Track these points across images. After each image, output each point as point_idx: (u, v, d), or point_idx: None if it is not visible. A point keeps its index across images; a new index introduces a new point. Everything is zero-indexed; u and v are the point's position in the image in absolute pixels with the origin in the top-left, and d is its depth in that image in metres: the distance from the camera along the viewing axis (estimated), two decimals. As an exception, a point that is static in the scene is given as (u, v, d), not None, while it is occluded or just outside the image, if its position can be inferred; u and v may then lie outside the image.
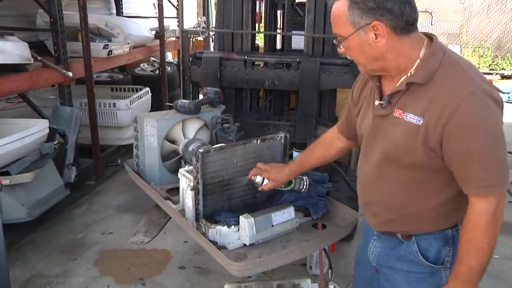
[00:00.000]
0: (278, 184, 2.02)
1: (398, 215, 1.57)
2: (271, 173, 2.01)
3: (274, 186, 2.02)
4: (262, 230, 1.94)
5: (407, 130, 1.43)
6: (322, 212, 2.16)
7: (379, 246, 1.69)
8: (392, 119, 1.48)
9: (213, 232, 1.97)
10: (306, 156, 1.99)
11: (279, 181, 2.01)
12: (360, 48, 1.43)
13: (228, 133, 2.65)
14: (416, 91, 1.42)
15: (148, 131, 2.55)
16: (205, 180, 2.02)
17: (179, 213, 2.17)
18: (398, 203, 1.55)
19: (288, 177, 2.02)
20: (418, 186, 1.49)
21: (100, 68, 4.72)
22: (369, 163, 1.59)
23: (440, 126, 1.36)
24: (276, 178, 2.00)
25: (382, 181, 1.56)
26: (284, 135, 2.22)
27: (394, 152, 1.48)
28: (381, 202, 1.60)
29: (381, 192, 1.58)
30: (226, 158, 2.06)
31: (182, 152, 2.61)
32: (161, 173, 2.59)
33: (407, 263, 1.60)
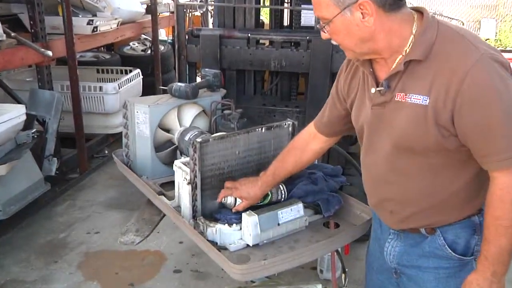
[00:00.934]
0: (253, 201, 2.02)
1: (418, 208, 1.60)
2: (242, 191, 2.00)
3: (249, 204, 2.01)
4: (267, 229, 1.97)
5: (414, 113, 1.45)
6: (335, 209, 2.18)
7: (399, 245, 1.72)
8: (394, 104, 1.50)
9: (212, 231, 1.99)
10: (278, 164, 1.98)
11: (254, 197, 2.01)
12: (346, 30, 1.44)
13: (229, 121, 2.66)
14: (416, 69, 1.44)
15: (139, 118, 2.57)
16: (204, 173, 2.04)
17: (174, 210, 2.20)
18: (417, 195, 1.57)
19: (263, 191, 2.01)
20: (435, 172, 1.52)
21: (84, 46, 4.74)
22: (377, 157, 1.61)
23: (449, 101, 1.38)
24: (249, 195, 2.00)
25: (395, 175, 1.58)
26: (292, 123, 2.24)
27: (404, 140, 1.50)
28: (397, 197, 1.62)
29: (396, 186, 1.60)
30: (227, 148, 2.08)
31: (178, 141, 2.63)
32: (154, 165, 2.62)
33: (434, 259, 1.63)
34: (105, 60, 5.88)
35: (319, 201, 2.16)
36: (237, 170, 2.14)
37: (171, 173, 2.44)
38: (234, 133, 2.11)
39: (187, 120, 2.72)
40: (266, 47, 3.39)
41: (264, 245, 1.98)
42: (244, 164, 2.15)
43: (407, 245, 1.70)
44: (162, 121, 2.63)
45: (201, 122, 2.78)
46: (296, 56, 3.30)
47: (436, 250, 1.62)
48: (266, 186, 2.01)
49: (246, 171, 2.16)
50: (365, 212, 2.17)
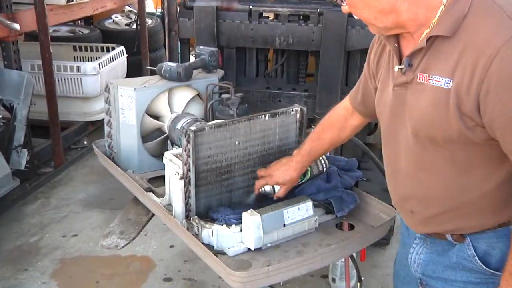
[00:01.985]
0: (292, 184, 2.13)
1: (441, 209, 1.59)
2: (277, 177, 2.10)
3: (289, 188, 2.12)
4: (271, 230, 1.99)
5: (435, 97, 1.44)
6: (349, 208, 2.21)
7: (424, 252, 1.72)
8: (416, 86, 1.50)
9: (209, 233, 2.02)
10: (314, 143, 2.05)
11: (290, 181, 2.11)
12: (364, 2, 1.45)
13: (228, 106, 2.68)
14: (441, 46, 1.43)
15: (124, 104, 2.59)
16: (198, 167, 2.07)
17: (165, 209, 2.23)
18: (440, 194, 1.57)
19: (299, 173, 2.11)
20: (461, 169, 1.50)
21: (58, 19, 4.72)
22: (398, 147, 1.61)
23: (474, 85, 1.35)
24: (286, 180, 2.10)
25: (417, 169, 1.58)
26: (300, 109, 2.27)
27: (425, 127, 1.49)
28: (418, 195, 1.62)
29: (417, 182, 1.60)
30: (225, 138, 2.11)
31: (169, 130, 2.66)
32: (141, 157, 2.65)
33: (462, 272, 1.62)
34: (83, 36, 5.88)
35: (331, 199, 2.19)
36: (237, 163, 2.17)
37: (160, 167, 2.47)
38: (233, 121, 2.13)
39: (179, 105, 2.74)
40: (270, 21, 3.40)
41: (268, 249, 2.01)
42: (245, 156, 2.18)
43: (433, 253, 1.69)
44: (150, 106, 2.65)
45: (196, 108, 2.80)
46: (305, 31, 3.30)
47: (464, 261, 1.61)
48: (301, 167, 2.09)
49: (247, 164, 2.19)
50: (385, 212, 2.20)
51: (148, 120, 2.66)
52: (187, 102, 2.75)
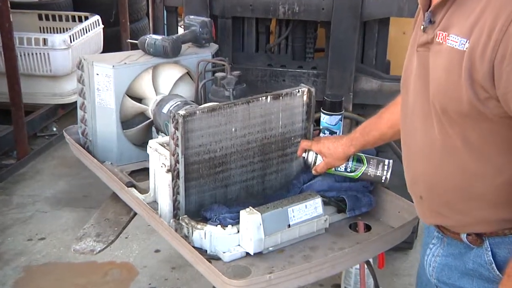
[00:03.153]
0: (333, 162, 2.19)
1: (450, 198, 1.60)
2: (322, 145, 2.18)
3: (328, 165, 2.19)
4: (274, 232, 2.02)
5: (450, 60, 1.45)
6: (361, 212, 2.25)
7: (440, 254, 1.74)
8: (435, 47, 1.51)
9: (201, 235, 2.04)
10: (372, 121, 2.10)
11: (334, 155, 2.17)
12: None
13: (223, 87, 2.69)
14: (465, 2, 1.44)
15: (100, 83, 2.60)
16: (189, 157, 2.09)
17: (149, 207, 2.26)
18: (450, 178, 1.57)
19: (346, 150, 2.16)
20: (474, 152, 1.50)
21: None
22: (415, 121, 1.63)
23: (489, 49, 1.36)
24: (330, 151, 2.17)
25: (429, 146, 1.59)
26: (308, 90, 2.29)
27: (438, 97, 1.50)
28: (427, 178, 1.64)
29: (428, 162, 1.61)
30: (220, 124, 2.13)
31: (153, 114, 2.68)
32: (120, 146, 2.67)
33: (479, 281, 1.63)
34: (50, 2, 5.86)
35: (344, 195, 2.22)
36: (234, 154, 2.19)
37: (144, 158, 2.50)
38: (229, 104, 2.15)
39: (165, 86, 2.76)
40: (272, -14, 3.40)
41: (270, 253, 2.03)
42: (243, 145, 2.20)
43: (449, 256, 1.71)
44: (132, 87, 2.67)
45: (185, 88, 2.82)
46: (313, -2, 3.31)
47: (481, 268, 1.61)
48: (350, 145, 2.15)
49: (246, 154, 2.21)
50: (407, 210, 2.22)
51: (129, 103, 2.68)
52: (175, 81, 2.77)
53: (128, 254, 3.60)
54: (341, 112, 2.67)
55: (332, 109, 2.64)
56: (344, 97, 2.87)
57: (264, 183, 2.31)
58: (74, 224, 3.87)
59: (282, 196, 2.19)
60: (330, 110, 2.64)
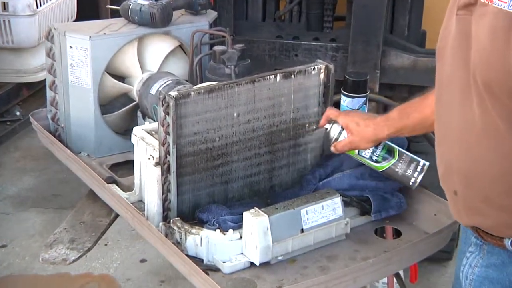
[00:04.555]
0: (359, 142, 2.15)
1: (490, 192, 1.60)
2: (351, 118, 2.16)
3: (351, 145, 2.16)
4: (284, 238, 2.02)
5: (496, 24, 1.45)
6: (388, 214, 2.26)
7: (479, 264, 1.73)
8: (479, 9, 1.51)
9: (196, 241, 2.05)
10: (416, 101, 2.06)
11: (362, 133, 2.14)
12: None
13: (223, 63, 2.70)
14: None
15: (75, 58, 2.61)
16: (182, 148, 2.10)
17: (134, 208, 2.26)
18: (490, 169, 1.57)
19: (377, 130, 2.13)
20: None
21: None
22: (452, 99, 1.63)
23: None
24: (358, 127, 2.14)
25: (467, 129, 1.58)
26: (326, 67, 2.29)
27: (481, 68, 1.50)
28: (463, 167, 1.63)
29: (465, 148, 1.60)
30: (219, 107, 2.14)
31: (139, 96, 2.69)
32: (99, 134, 2.68)
33: None
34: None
35: (368, 194, 2.23)
36: (236, 143, 2.21)
37: (127, 148, 2.52)
38: (230, 84, 2.16)
39: (153, 61, 2.77)
40: None
41: (279, 264, 2.04)
42: (248, 134, 2.21)
43: (490, 267, 1.71)
44: (113, 63, 2.68)
45: (177, 64, 2.83)
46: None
47: None
48: (384, 126, 2.12)
49: (250, 144, 2.23)
50: (445, 212, 2.21)
51: (109, 82, 2.69)
52: (165, 56, 2.78)
53: (108, 265, 3.61)
54: (366, 94, 2.65)
55: (354, 90, 2.63)
56: (369, 75, 2.85)
57: (272, 179, 2.33)
58: (43, 229, 3.88)
59: (294, 195, 2.20)
60: (352, 91, 2.63)
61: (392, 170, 2.19)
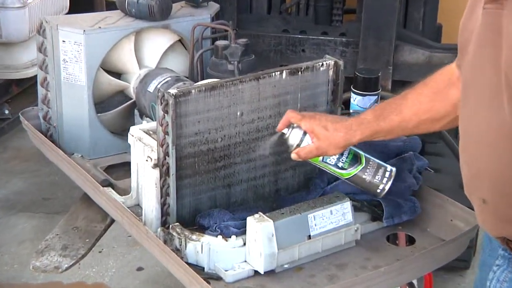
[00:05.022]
0: (326, 147, 2.05)
1: None
2: (317, 122, 2.04)
3: (320, 150, 2.06)
4: (290, 244, 2.03)
5: None
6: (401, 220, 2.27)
7: (508, 279, 1.72)
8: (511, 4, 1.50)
9: (196, 248, 2.05)
10: (395, 100, 2.02)
11: (331, 139, 2.04)
12: None
13: (226, 59, 2.70)
14: None
15: (68, 53, 2.62)
16: (182, 149, 2.10)
17: (130, 213, 2.27)
18: None
19: (349, 136, 2.03)
20: None
21: None
22: (478, 100, 1.61)
23: None
24: (327, 132, 2.02)
25: (498, 132, 1.57)
26: (334, 63, 2.29)
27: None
28: (493, 173, 1.61)
29: (495, 153, 1.59)
30: (221, 106, 2.14)
31: (136, 94, 2.70)
32: (94, 134, 2.69)
33: None
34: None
35: (380, 199, 2.22)
36: (239, 144, 2.21)
37: (124, 149, 2.53)
38: (233, 81, 2.17)
39: (151, 57, 2.78)
40: None
41: (285, 272, 2.04)
42: (252, 134, 2.22)
43: None
44: (109, 58, 2.69)
45: (177, 60, 2.84)
46: None
47: None
48: (356, 129, 2.02)
49: (255, 145, 2.23)
50: (462, 218, 2.23)
51: (104, 78, 2.70)
52: (164, 52, 2.79)
53: (103, 273, 3.61)
54: (377, 92, 2.66)
55: (365, 87, 2.64)
56: (381, 72, 2.85)
57: (278, 182, 2.34)
58: (34, 234, 3.88)
59: (300, 199, 2.20)
60: (363, 89, 2.64)
61: (358, 178, 2.12)
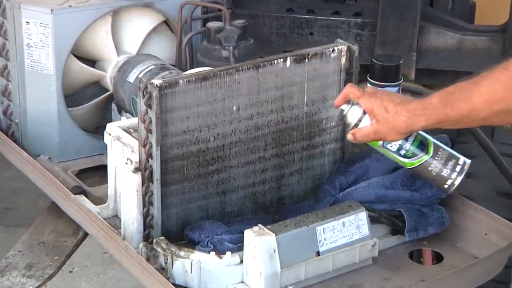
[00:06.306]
0: (388, 132, 2.06)
1: None
2: (378, 101, 2.05)
3: (378, 134, 2.08)
4: (295, 262, 2.03)
5: None
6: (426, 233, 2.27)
7: None
8: None
9: (185, 266, 2.06)
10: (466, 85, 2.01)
11: (392, 123, 2.05)
12: None
13: (219, 43, 2.71)
14: None
15: (33, 37, 2.63)
16: (168, 150, 2.11)
17: (107, 225, 2.29)
18: None
19: (411, 120, 2.02)
20: None
21: None
22: None
23: None
24: (387, 114, 2.03)
25: None
26: (348, 48, 2.31)
27: None
28: None
29: None
30: (215, 99, 2.15)
31: (114, 85, 2.72)
32: (63, 132, 2.71)
33: None
34: None
35: (401, 208, 2.25)
36: (236, 144, 2.22)
37: (99, 150, 2.56)
38: (228, 69, 2.18)
39: (132, 41, 2.80)
40: None
41: (290, 295, 2.07)
42: (250, 132, 2.23)
43: None
44: (81, 42, 2.70)
45: (162, 45, 2.86)
46: None
47: None
48: (421, 114, 2.02)
49: (254, 145, 2.25)
50: (499, 231, 2.24)
51: (76, 66, 2.72)
52: (147, 35, 2.81)
53: (75, 296, 3.63)
54: (398, 82, 2.67)
55: (384, 77, 2.65)
56: (403, 59, 2.87)
57: (281, 189, 2.35)
58: (-8, 251, 3.90)
59: (307, 209, 2.22)
60: (381, 79, 2.65)
61: (424, 168, 2.13)
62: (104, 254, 2.47)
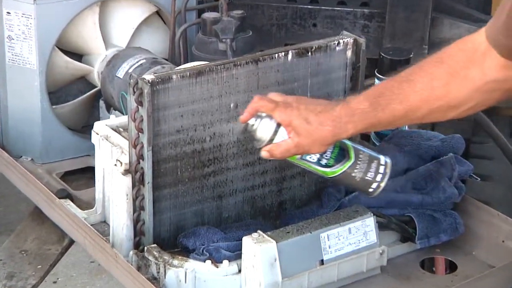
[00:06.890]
0: (311, 145, 2.00)
1: None
2: (296, 113, 1.98)
3: (300, 149, 2.01)
4: (297, 271, 2.04)
5: None
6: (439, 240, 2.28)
7: None
8: None
9: (179, 276, 2.07)
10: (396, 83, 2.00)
11: (315, 135, 1.98)
12: None
13: (216, 35, 2.72)
14: None
15: (14, 29, 2.64)
16: (160, 151, 2.12)
17: (94, 232, 2.29)
18: None
19: (338, 130, 1.97)
20: None
21: None
22: None
23: None
24: (310, 126, 1.96)
25: None
26: (354, 41, 2.32)
27: None
28: None
29: None
30: (211, 96, 2.16)
31: (102, 80, 2.72)
32: (47, 132, 2.71)
33: None
34: None
35: (411, 214, 2.26)
36: (233, 144, 2.23)
37: (86, 151, 2.58)
38: (225, 64, 2.18)
39: (121, 33, 2.82)
40: None
41: (292, 307, 2.07)
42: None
43: None
44: (67, 35, 2.71)
45: (154, 38, 2.88)
46: None
47: None
48: (347, 123, 1.96)
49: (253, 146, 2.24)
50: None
51: (61, 61, 2.73)
52: (137, 27, 2.82)
53: (59, 310, 3.64)
54: (409, 78, 2.68)
55: (393, 72, 2.65)
56: (414, 52, 2.87)
57: (282, 193, 2.36)
58: (-29, 259, 3.91)
59: (311, 214, 2.23)
60: (390, 74, 2.65)
61: (347, 175, 2.07)
62: (91, 263, 2.46)
